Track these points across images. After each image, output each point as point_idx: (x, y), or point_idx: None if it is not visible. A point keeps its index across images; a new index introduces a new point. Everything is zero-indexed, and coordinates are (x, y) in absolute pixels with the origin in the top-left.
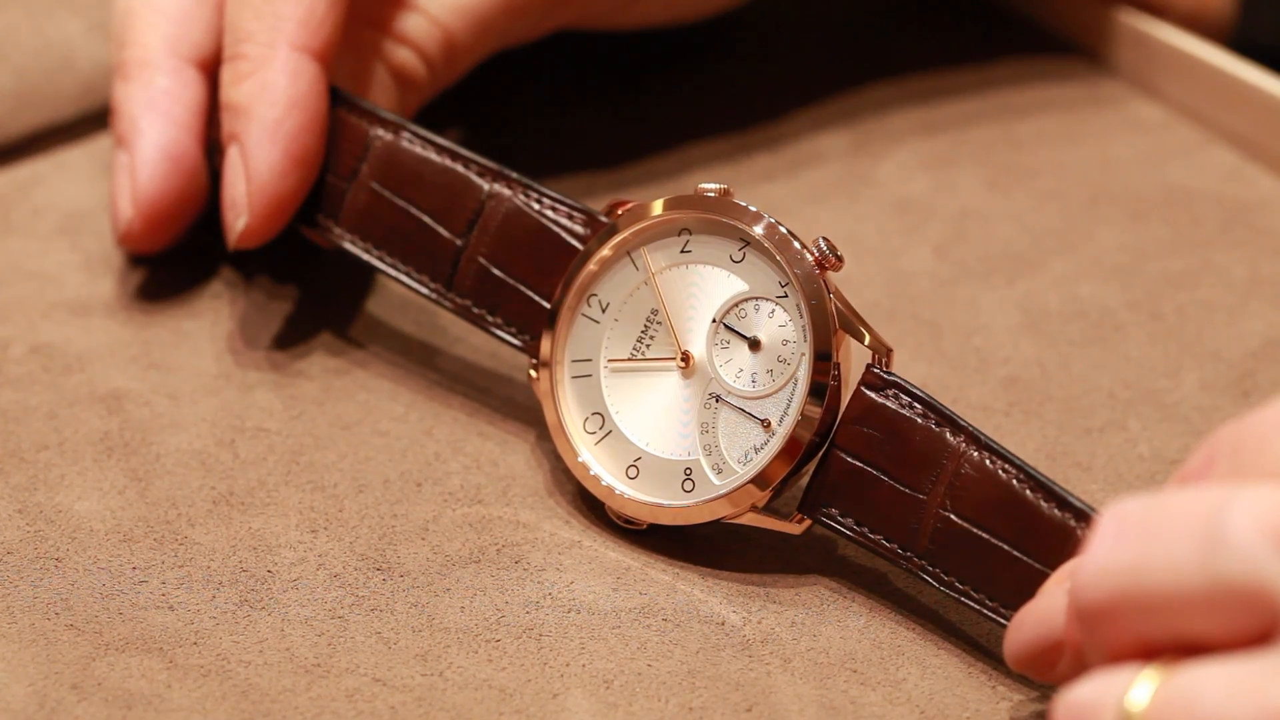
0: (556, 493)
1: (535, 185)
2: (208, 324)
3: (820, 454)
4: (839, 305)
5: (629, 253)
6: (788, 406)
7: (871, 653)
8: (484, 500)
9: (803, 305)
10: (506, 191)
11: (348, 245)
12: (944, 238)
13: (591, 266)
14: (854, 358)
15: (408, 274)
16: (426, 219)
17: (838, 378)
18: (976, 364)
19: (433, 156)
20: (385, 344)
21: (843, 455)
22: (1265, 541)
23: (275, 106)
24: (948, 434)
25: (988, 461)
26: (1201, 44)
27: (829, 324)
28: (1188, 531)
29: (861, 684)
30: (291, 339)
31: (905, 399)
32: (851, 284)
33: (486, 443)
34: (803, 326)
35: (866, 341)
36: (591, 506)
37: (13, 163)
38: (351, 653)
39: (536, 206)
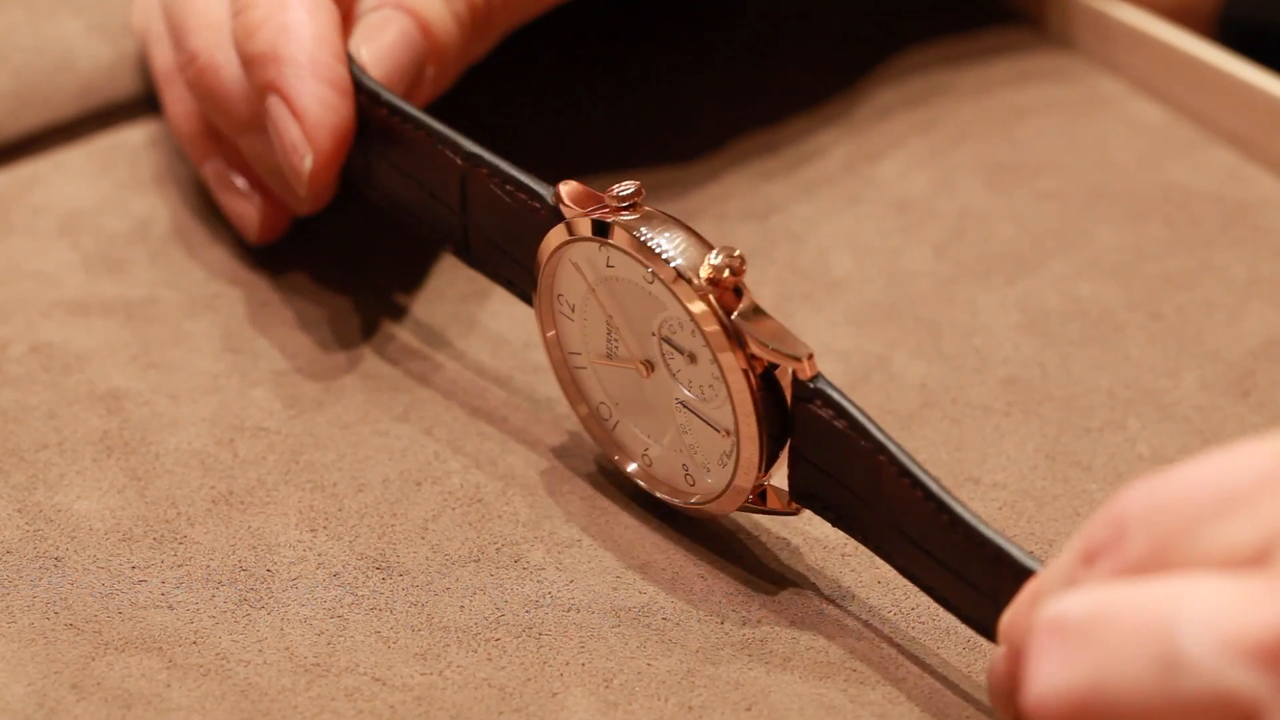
0: (556, 492)
1: (497, 167)
2: (208, 324)
3: (787, 451)
4: (739, 320)
5: (570, 260)
6: (734, 418)
7: (871, 653)
8: (484, 500)
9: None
10: (475, 172)
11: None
12: (944, 238)
13: (548, 266)
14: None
15: (439, 242)
16: (429, 193)
17: (763, 389)
18: (976, 364)
19: (417, 133)
20: (385, 344)
21: (804, 457)
22: (1227, 655)
23: (303, 43)
24: (872, 451)
25: (906, 487)
26: (1201, 44)
27: (728, 345)
28: (1142, 648)
29: (861, 684)
30: (292, 339)
31: (830, 411)
32: (851, 284)
33: (486, 442)
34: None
35: (776, 352)
36: (592, 506)
37: (13, 163)
38: (351, 652)
39: (497, 191)
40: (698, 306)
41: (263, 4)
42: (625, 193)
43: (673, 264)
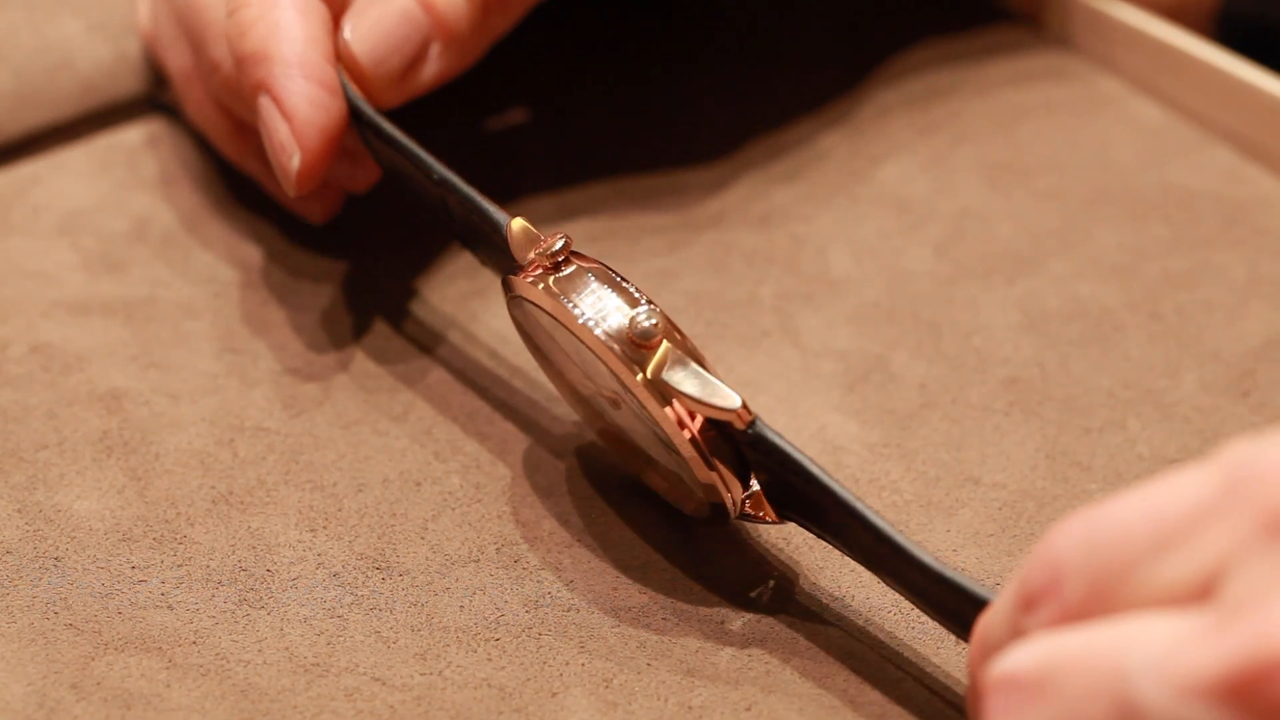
0: (556, 492)
1: (463, 194)
2: (208, 324)
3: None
4: (665, 380)
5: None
6: (685, 462)
7: (871, 653)
8: (483, 500)
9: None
10: (448, 195)
11: None
12: (944, 238)
13: (510, 304)
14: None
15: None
16: (417, 193)
17: (708, 432)
18: (976, 364)
19: (397, 156)
20: (385, 344)
21: (768, 484)
22: (1184, 698)
23: (294, 42)
24: (819, 495)
25: (858, 527)
26: (1201, 43)
27: (657, 404)
28: (1098, 699)
29: (861, 684)
30: (291, 339)
31: (772, 458)
32: (851, 284)
33: (486, 442)
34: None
35: (704, 406)
36: (592, 506)
37: (12, 163)
38: (351, 652)
39: (469, 215)
40: (621, 370)
41: (254, 3)
42: (553, 250)
43: (595, 330)
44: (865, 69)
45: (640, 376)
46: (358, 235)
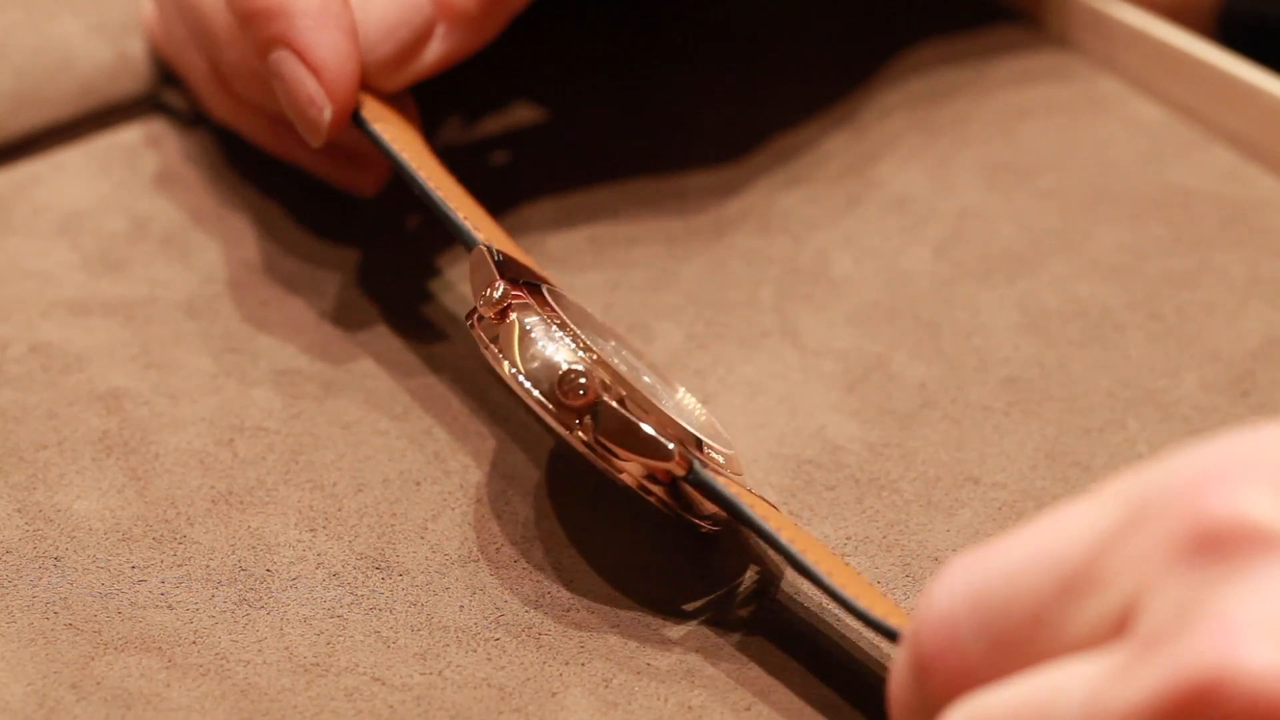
0: (556, 492)
1: (442, 212)
2: (207, 324)
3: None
4: (600, 437)
5: None
6: None
7: (871, 653)
8: (483, 499)
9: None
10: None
11: None
12: (944, 238)
13: None
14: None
15: None
16: None
17: (645, 483)
18: (976, 364)
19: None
20: (385, 344)
21: None
22: None
23: None
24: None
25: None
26: (1201, 43)
27: (595, 457)
28: None
29: (860, 684)
30: (292, 339)
31: (713, 500)
32: (851, 284)
33: (486, 442)
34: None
35: (639, 460)
36: (592, 506)
37: (12, 163)
38: (350, 652)
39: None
40: (556, 426)
41: None
42: (494, 297)
43: (528, 388)
44: (866, 69)
45: (574, 435)
46: (358, 235)
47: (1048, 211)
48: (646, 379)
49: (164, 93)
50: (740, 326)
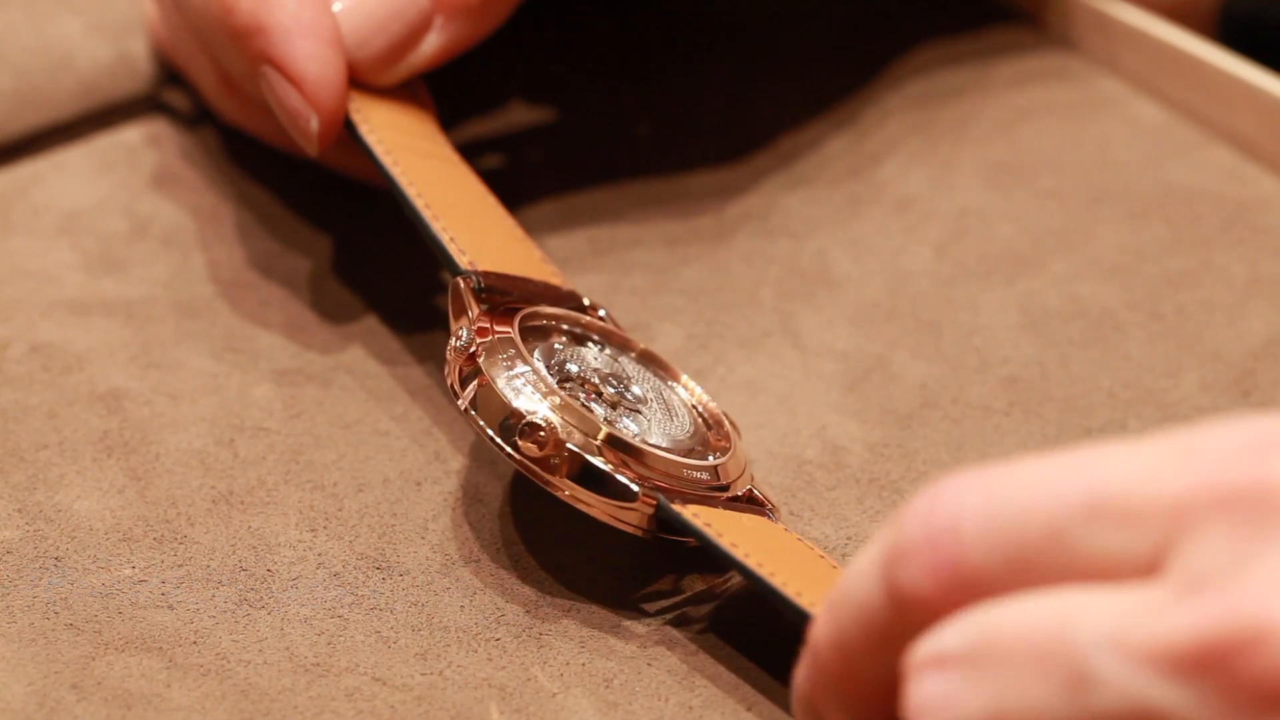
0: None
1: (429, 235)
2: (208, 324)
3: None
4: (572, 486)
5: None
6: None
7: None
8: (483, 500)
9: None
10: None
11: None
12: (944, 238)
13: None
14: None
15: None
16: None
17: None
18: (976, 364)
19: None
20: (386, 344)
21: None
22: (1141, 668)
23: (285, 5)
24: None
25: None
26: (1202, 43)
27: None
28: (1044, 670)
29: None
30: (291, 339)
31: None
32: (851, 284)
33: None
34: None
35: (605, 508)
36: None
37: (13, 163)
38: (351, 652)
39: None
40: (522, 470)
41: None
42: (457, 345)
43: (491, 435)
44: (867, 69)
45: (542, 480)
46: (359, 235)
47: (1048, 211)
48: (635, 390)
49: (164, 93)
50: (741, 326)
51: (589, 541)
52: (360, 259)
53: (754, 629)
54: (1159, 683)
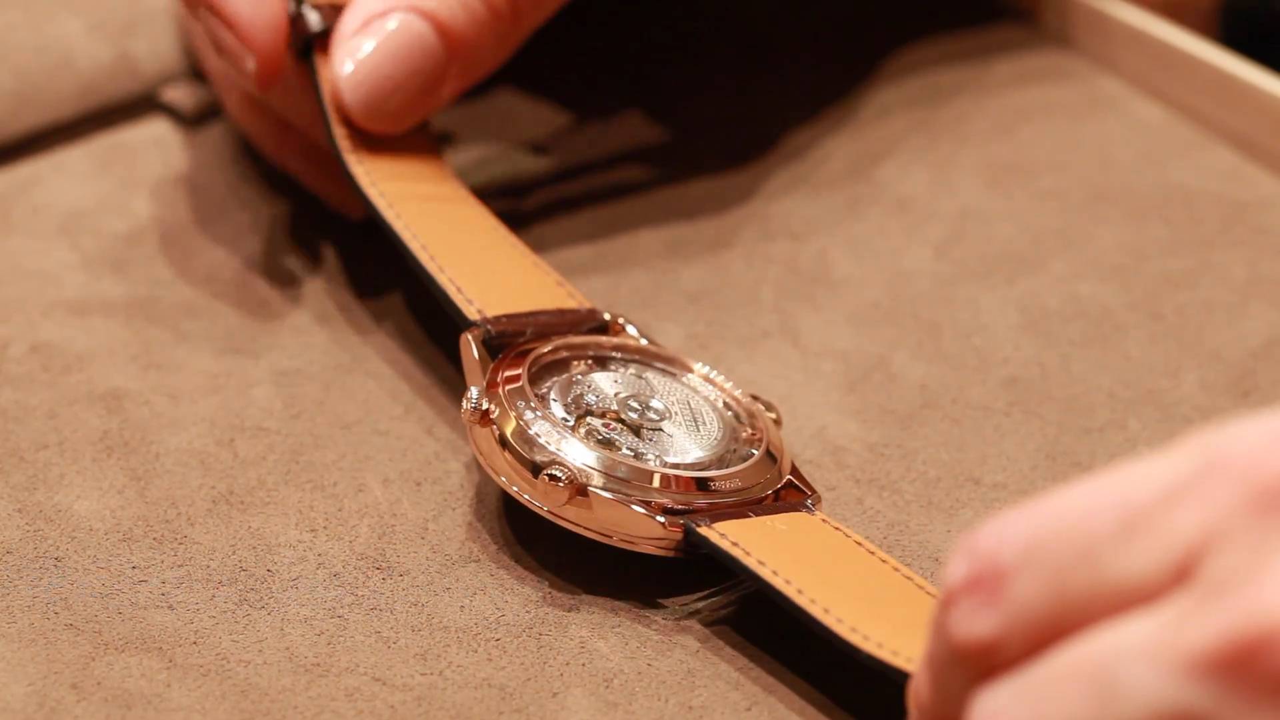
0: None
1: (428, 278)
2: (208, 324)
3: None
4: (592, 521)
5: None
6: None
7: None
8: (483, 500)
9: None
10: None
11: None
12: (944, 238)
13: None
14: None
15: None
16: None
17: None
18: (976, 364)
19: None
20: (385, 343)
21: None
22: (1168, 674)
23: None
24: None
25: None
26: (1201, 43)
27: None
28: (1076, 693)
29: (860, 684)
30: (292, 338)
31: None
32: (851, 284)
33: None
34: None
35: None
36: None
37: (13, 163)
38: (351, 652)
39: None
40: (548, 516)
41: None
42: (469, 406)
43: (516, 492)
44: (866, 69)
45: (566, 522)
46: (358, 235)
47: (1048, 211)
48: (656, 406)
49: (164, 93)
50: (741, 326)
51: (589, 541)
52: (360, 259)
53: (755, 629)
54: (1187, 686)
